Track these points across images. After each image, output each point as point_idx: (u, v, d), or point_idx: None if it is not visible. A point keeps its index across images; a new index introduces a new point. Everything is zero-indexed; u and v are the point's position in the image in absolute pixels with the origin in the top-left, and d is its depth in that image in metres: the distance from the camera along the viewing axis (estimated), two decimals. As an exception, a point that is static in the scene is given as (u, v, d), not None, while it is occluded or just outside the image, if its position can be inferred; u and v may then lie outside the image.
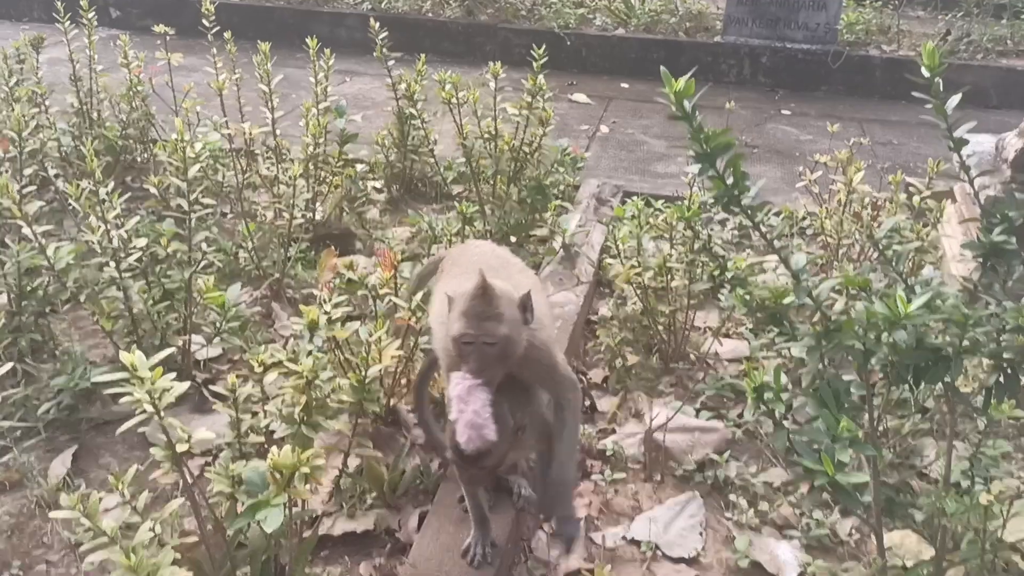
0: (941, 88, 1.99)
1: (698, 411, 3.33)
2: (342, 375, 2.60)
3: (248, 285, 3.89)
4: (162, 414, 2.08)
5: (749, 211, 1.95)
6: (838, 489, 1.93)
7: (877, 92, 7.63)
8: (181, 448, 2.14)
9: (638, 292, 3.60)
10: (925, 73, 2.02)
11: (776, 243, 2.03)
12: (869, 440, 2.10)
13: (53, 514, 2.11)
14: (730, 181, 1.91)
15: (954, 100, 2.00)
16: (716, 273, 3.37)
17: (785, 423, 2.09)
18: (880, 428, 3.02)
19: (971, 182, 2.18)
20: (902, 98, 7.28)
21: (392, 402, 3.12)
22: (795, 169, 4.91)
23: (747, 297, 2.32)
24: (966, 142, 2.11)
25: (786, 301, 2.30)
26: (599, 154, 6.15)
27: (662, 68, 1.87)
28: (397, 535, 2.71)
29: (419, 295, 2.94)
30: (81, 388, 3.13)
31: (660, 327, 3.61)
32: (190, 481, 2.23)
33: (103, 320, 3.09)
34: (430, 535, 2.59)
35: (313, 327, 2.36)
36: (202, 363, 3.40)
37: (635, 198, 3.88)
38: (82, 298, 3.11)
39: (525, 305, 2.32)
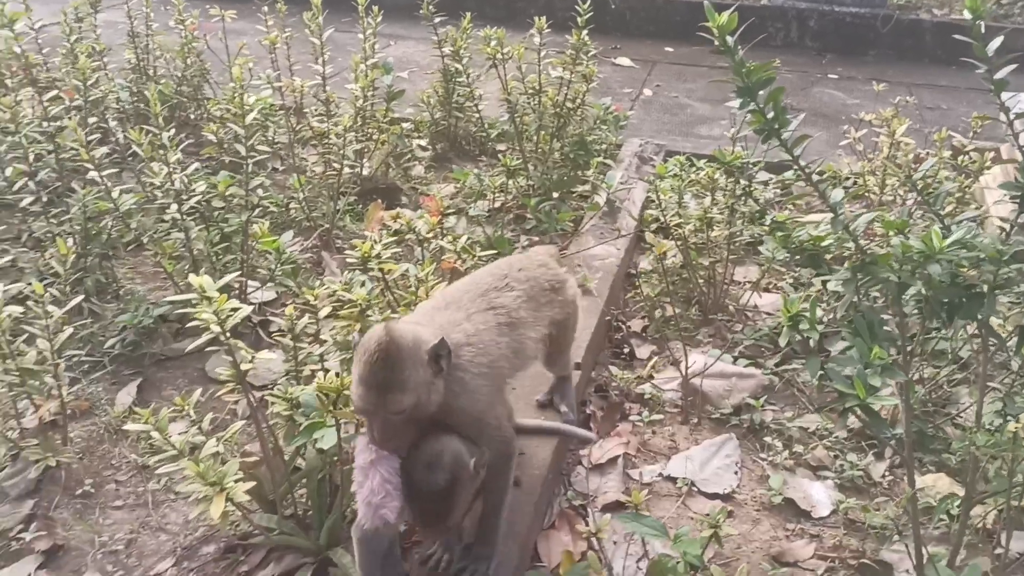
0: (991, 49, 2.03)
1: (735, 359, 3.43)
2: (391, 313, 2.74)
3: (299, 235, 4.05)
4: (227, 334, 2.24)
5: (788, 145, 2.03)
6: (869, 414, 2.02)
7: (927, 56, 7.54)
8: (245, 367, 2.31)
9: (679, 244, 3.68)
10: (967, 15, 2.08)
11: (814, 177, 2.11)
12: (901, 369, 2.18)
13: (128, 426, 2.30)
14: (770, 115, 2.00)
15: (1007, 68, 2.03)
16: (756, 216, 3.47)
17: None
18: (916, 376, 3.09)
19: (1010, 124, 2.23)
20: (952, 63, 7.19)
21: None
22: (840, 133, 4.93)
23: (787, 240, 2.40)
24: (1007, 83, 2.16)
25: (825, 243, 2.39)
26: (642, 117, 6.20)
27: (705, 1, 1.96)
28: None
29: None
30: (144, 325, 3.33)
31: (700, 279, 3.70)
32: (253, 403, 2.40)
33: (165, 261, 3.27)
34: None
35: (366, 260, 2.50)
36: (256, 306, 3.57)
37: (678, 156, 3.97)
38: (145, 240, 3.29)
39: (437, 356, 2.04)
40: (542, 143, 4.38)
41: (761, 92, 1.99)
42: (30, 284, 2.63)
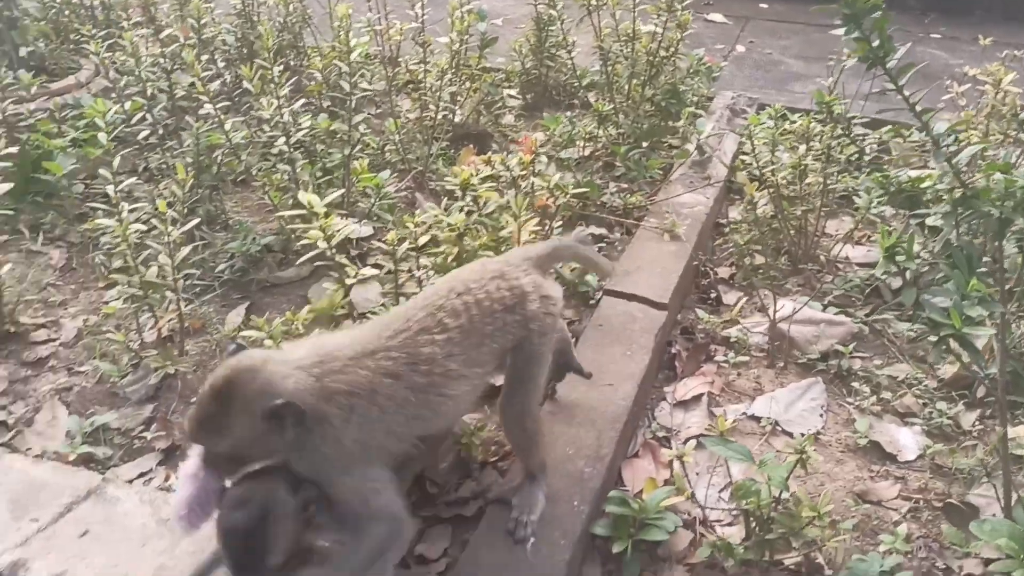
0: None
1: (825, 307, 3.44)
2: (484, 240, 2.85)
3: (394, 176, 4.21)
4: (333, 249, 2.40)
5: (893, 74, 2.05)
6: (964, 345, 2.05)
7: (1040, 16, 7.22)
8: (350, 282, 2.47)
9: (771, 193, 3.69)
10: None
11: (917, 108, 2.12)
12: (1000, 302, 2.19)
13: (244, 333, 2.48)
14: (876, 43, 2.02)
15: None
16: (853, 160, 3.45)
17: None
18: (1013, 315, 3.05)
19: None
20: (1068, 22, 6.86)
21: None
22: (943, 92, 4.81)
23: (885, 181, 2.42)
24: None
25: (924, 185, 2.40)
26: (734, 72, 6.14)
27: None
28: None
29: None
30: (251, 252, 3.54)
31: (791, 229, 3.71)
32: (354, 319, 2.56)
33: (271, 192, 3.46)
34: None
35: (465, 186, 2.62)
36: (354, 241, 3.74)
37: (771, 109, 3.95)
38: (254, 171, 3.48)
39: (275, 416, 1.83)
40: (633, 91, 4.42)
41: (866, 20, 2.01)
42: (154, 206, 2.83)
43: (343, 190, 3.46)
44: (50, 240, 3.75)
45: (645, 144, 4.40)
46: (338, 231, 2.36)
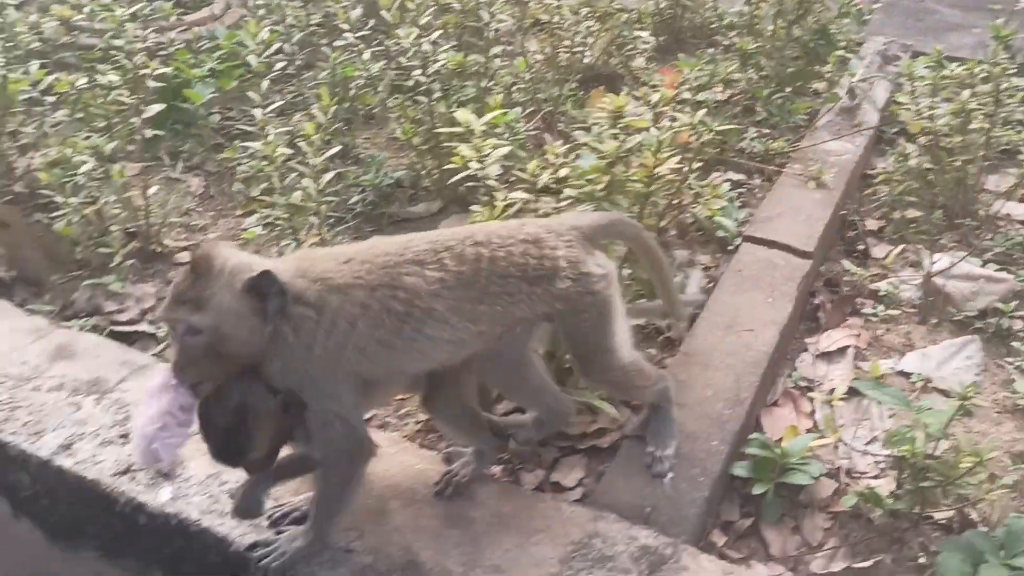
0: None
1: (984, 263, 3.35)
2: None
3: (522, 117, 4.28)
4: (485, 171, 2.49)
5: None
6: None
7: None
8: (500, 204, 2.56)
9: (928, 142, 3.60)
10: None
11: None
12: None
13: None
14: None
15: None
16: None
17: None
18: None
19: None
20: None
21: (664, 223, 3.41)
22: None
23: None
24: None
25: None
26: (883, 21, 5.92)
27: None
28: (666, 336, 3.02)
29: None
30: (385, 185, 3.69)
31: (949, 181, 3.61)
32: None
33: (406, 126, 3.59)
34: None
35: (618, 113, 2.67)
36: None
37: (926, 57, 3.82)
38: (389, 103, 3.62)
39: (254, 288, 1.90)
40: (778, 31, 4.35)
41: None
42: (295, 133, 2.99)
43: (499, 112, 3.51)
44: (188, 168, 4.00)
45: (788, 88, 4.34)
46: (490, 153, 2.45)
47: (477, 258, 2.11)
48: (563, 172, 2.81)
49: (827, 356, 3.05)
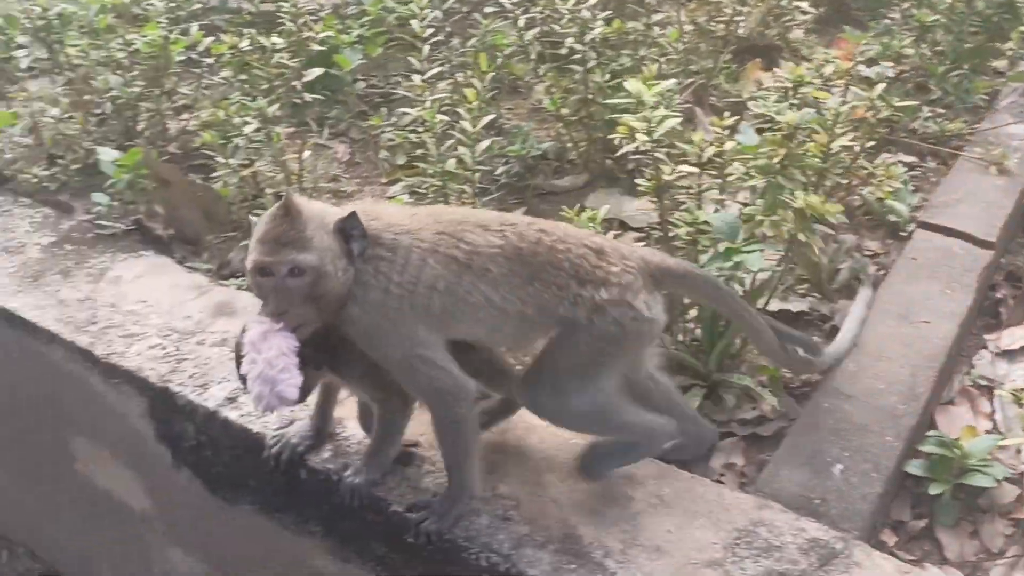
0: None
1: None
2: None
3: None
4: (654, 143, 2.52)
5: None
6: None
7: None
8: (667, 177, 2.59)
9: None
10: None
11: None
12: None
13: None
14: None
15: None
16: None
17: None
18: None
19: None
20: None
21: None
22: None
23: None
24: None
25: None
26: (1070, -8, 5.64)
27: None
28: (832, 323, 2.99)
29: None
30: (530, 157, 3.77)
31: None
32: (663, 214, 2.69)
33: (555, 96, 3.65)
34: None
35: (799, 83, 2.65)
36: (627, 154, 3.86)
37: None
38: (541, 71, 3.68)
39: (343, 230, 2.06)
40: (956, 3, 4.20)
41: None
42: (454, 96, 3.09)
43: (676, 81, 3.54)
44: (333, 135, 4.17)
45: (966, 66, 4.19)
46: (660, 123, 2.48)
47: (538, 241, 2.18)
48: (728, 145, 2.83)
49: (1009, 354, 2.97)
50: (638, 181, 2.74)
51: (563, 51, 3.68)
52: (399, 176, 3.77)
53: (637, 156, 3.78)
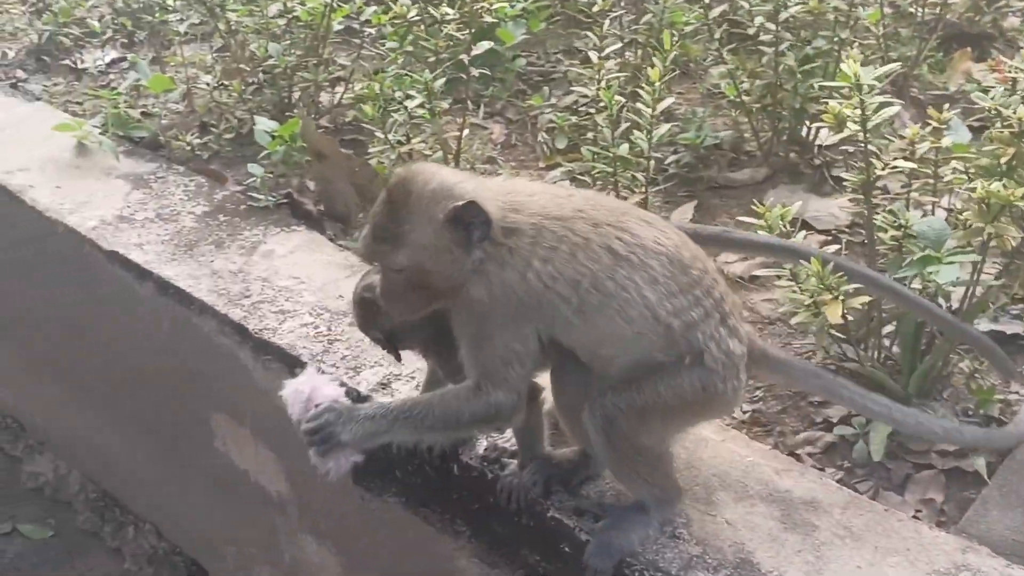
0: None
1: None
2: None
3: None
4: (867, 133, 2.45)
5: None
6: None
7: None
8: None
9: None
10: None
11: None
12: None
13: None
14: None
15: None
16: None
17: None
18: None
19: None
20: None
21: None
22: None
23: None
24: None
25: None
26: None
27: None
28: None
29: None
30: (706, 144, 3.73)
31: None
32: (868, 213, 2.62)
33: (736, 81, 3.60)
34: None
35: (1035, 75, 2.52)
36: (817, 147, 3.78)
37: None
38: (722, 53, 3.64)
39: (459, 220, 2.03)
40: None
41: None
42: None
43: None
44: (489, 115, 4.24)
45: None
46: (876, 111, 2.41)
47: (697, 255, 2.22)
48: (945, 142, 2.72)
49: None
50: (844, 176, 2.67)
51: (750, 31, 3.63)
52: (558, 161, 3.80)
53: (829, 149, 3.73)
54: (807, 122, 3.70)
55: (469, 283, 2.09)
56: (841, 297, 2.41)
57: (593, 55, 3.22)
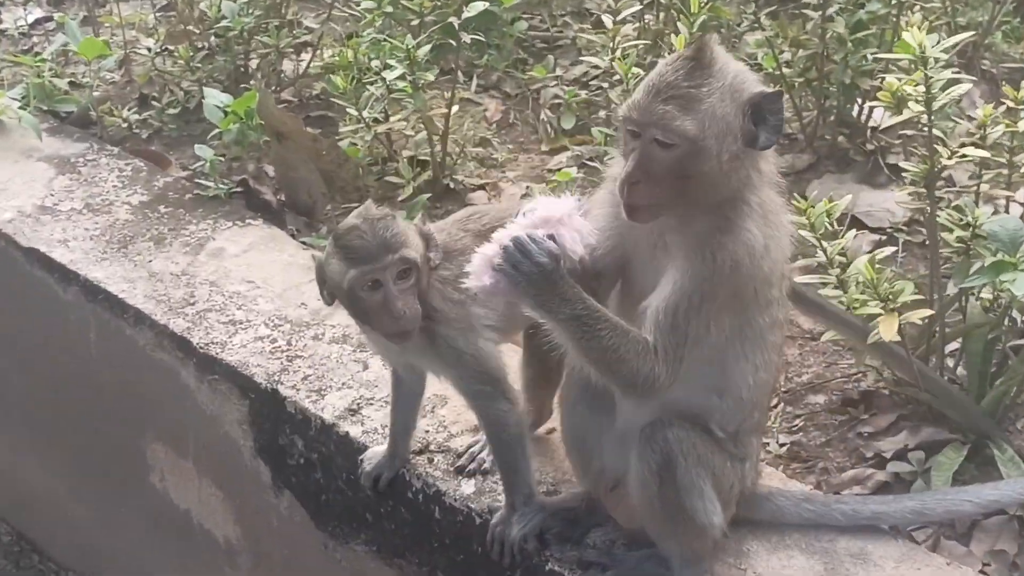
0: None
1: None
2: None
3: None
4: (931, 116, 2.42)
5: None
6: None
7: None
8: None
9: None
10: None
11: None
12: None
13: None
14: None
15: None
16: None
17: None
18: None
19: None
20: None
21: None
22: None
23: None
24: None
25: None
26: None
27: None
28: None
29: None
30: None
31: None
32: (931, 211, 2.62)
33: (775, 50, 3.59)
34: None
35: None
36: (871, 130, 3.78)
37: None
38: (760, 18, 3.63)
39: (760, 109, 2.01)
40: None
41: None
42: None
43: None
44: (483, 88, 4.22)
45: None
46: (944, 90, 2.38)
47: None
48: (1022, 126, 2.70)
49: None
50: (903, 165, 2.64)
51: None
52: (564, 144, 3.78)
53: (885, 132, 3.71)
54: (859, 100, 3.69)
55: (722, 230, 2.03)
56: (898, 309, 2.39)
57: (607, 19, 3.19)
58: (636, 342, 2.05)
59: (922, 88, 2.43)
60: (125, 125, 3.89)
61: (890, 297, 2.40)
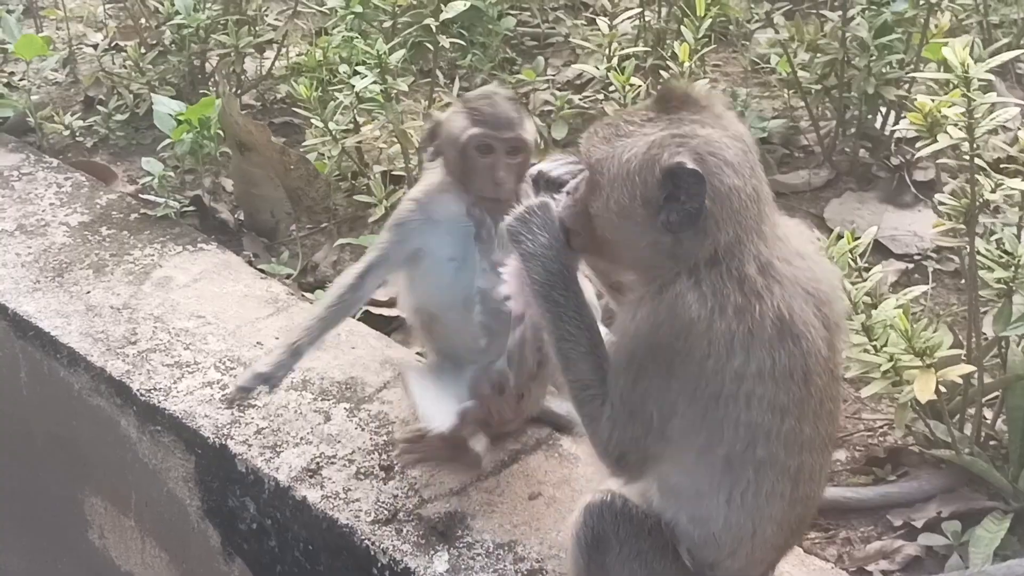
0: None
1: None
2: None
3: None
4: (976, 145, 2.26)
5: None
6: None
7: None
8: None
9: None
10: None
11: None
12: None
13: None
14: None
15: None
16: None
17: None
18: None
19: None
20: None
21: None
22: None
23: None
24: None
25: None
26: None
27: None
28: None
29: None
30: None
31: None
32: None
33: (782, 64, 3.45)
34: None
35: None
36: (896, 142, 3.64)
37: None
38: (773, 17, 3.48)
39: (678, 187, 1.90)
40: None
41: None
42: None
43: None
44: (467, 91, 4.03)
45: None
46: (987, 115, 2.22)
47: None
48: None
49: None
50: (939, 199, 2.48)
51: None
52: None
53: (911, 144, 3.57)
54: (882, 110, 3.59)
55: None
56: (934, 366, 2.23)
57: (603, 23, 3.03)
58: (597, 370, 2.04)
59: (960, 109, 2.26)
60: (67, 133, 3.76)
61: (927, 352, 2.24)
